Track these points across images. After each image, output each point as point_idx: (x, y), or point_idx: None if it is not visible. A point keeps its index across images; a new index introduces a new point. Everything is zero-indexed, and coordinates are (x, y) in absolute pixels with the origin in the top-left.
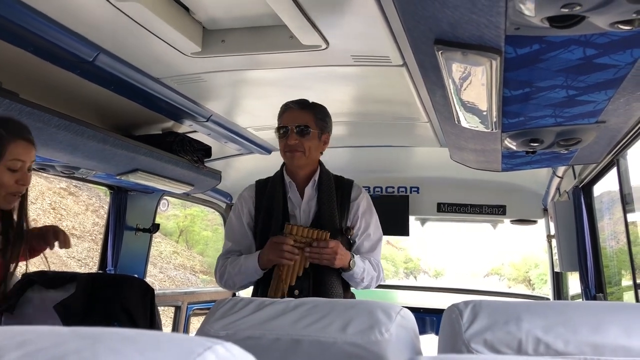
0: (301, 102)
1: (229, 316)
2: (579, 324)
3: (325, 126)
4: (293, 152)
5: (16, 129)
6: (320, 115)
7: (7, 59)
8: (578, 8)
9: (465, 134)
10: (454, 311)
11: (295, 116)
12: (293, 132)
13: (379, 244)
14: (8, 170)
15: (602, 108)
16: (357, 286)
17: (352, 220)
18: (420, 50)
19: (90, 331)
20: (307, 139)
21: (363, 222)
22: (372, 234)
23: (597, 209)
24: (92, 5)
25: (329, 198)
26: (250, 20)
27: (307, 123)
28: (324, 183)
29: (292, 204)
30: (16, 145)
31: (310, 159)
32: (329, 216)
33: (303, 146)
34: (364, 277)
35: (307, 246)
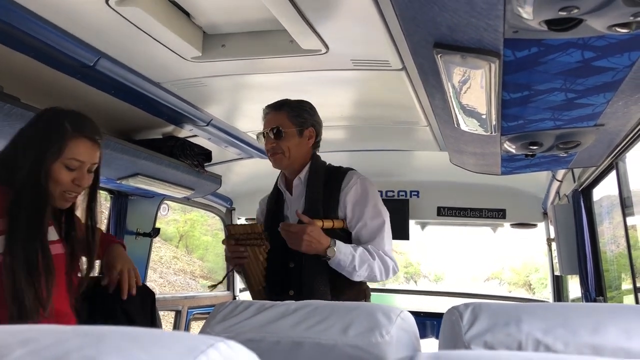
0: (275, 103)
1: (229, 319)
2: (579, 325)
3: (304, 121)
4: (274, 156)
5: (81, 124)
6: (294, 112)
7: (8, 63)
8: (576, 11)
9: (464, 137)
10: (454, 313)
11: (270, 119)
12: (269, 136)
13: (380, 231)
14: (65, 168)
15: (601, 111)
16: (352, 277)
17: (342, 210)
18: (419, 54)
19: (94, 329)
20: (283, 140)
21: (356, 211)
22: (368, 221)
23: (597, 213)
24: (93, 10)
25: (314, 193)
26: (250, 25)
27: (280, 124)
28: (311, 178)
29: (287, 206)
30: (77, 143)
31: (293, 158)
32: (312, 212)
33: (281, 147)
34: (356, 266)
35: (249, 241)
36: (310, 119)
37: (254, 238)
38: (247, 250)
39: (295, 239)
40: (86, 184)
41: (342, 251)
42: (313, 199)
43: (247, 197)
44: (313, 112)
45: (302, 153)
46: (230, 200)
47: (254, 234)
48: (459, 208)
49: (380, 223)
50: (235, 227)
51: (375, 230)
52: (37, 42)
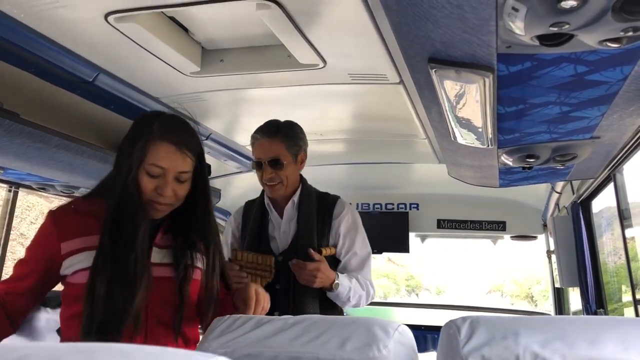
0: (268, 130)
1: (227, 334)
2: (577, 338)
3: (299, 149)
4: (272, 186)
5: (167, 128)
6: (291, 140)
7: (8, 79)
8: (567, 27)
9: (461, 150)
10: (451, 327)
11: (266, 148)
12: (267, 166)
13: (367, 261)
14: (147, 175)
15: (596, 124)
16: (343, 305)
17: (334, 238)
18: (415, 68)
19: (88, 346)
20: (282, 171)
21: (347, 240)
22: (358, 251)
23: (598, 224)
24: (92, 27)
25: (308, 218)
26: (248, 40)
27: (279, 155)
28: (304, 202)
29: (273, 226)
30: (159, 147)
31: (290, 186)
32: (307, 237)
33: (280, 177)
34: (350, 297)
35: (255, 270)
36: (302, 143)
37: (262, 269)
38: (248, 277)
39: (309, 276)
40: (171, 193)
41: (343, 284)
42: (308, 226)
43: None
44: (303, 134)
45: (296, 178)
46: (230, 213)
47: (264, 265)
48: (458, 220)
49: (368, 253)
50: (244, 254)
51: (364, 260)
52: (36, 58)
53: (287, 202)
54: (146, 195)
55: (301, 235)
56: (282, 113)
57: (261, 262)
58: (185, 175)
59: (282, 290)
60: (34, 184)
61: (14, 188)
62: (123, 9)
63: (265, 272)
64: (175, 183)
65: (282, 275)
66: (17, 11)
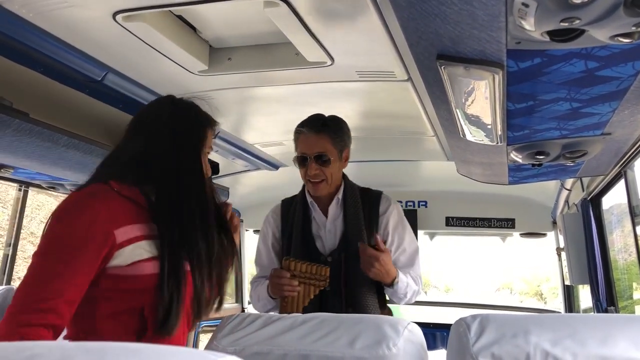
0: (315, 124)
1: (237, 332)
2: (587, 336)
3: (344, 145)
4: (316, 183)
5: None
6: (337, 135)
7: (18, 79)
8: (577, 22)
9: (471, 147)
10: (461, 325)
11: (312, 143)
12: (312, 162)
13: (416, 256)
14: (204, 156)
15: (607, 120)
16: (399, 302)
17: (382, 235)
18: (423, 65)
19: (96, 345)
20: (327, 167)
21: (396, 236)
22: (407, 247)
23: (608, 221)
24: (100, 26)
25: (355, 216)
26: (255, 38)
27: (326, 150)
28: (348, 199)
29: (317, 225)
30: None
31: (333, 183)
32: (357, 235)
33: (325, 174)
34: (407, 292)
35: (309, 280)
36: (347, 139)
37: (316, 279)
38: (301, 286)
39: (368, 263)
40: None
41: (402, 280)
42: (356, 223)
43: (255, 209)
44: (348, 129)
45: (339, 175)
46: (239, 212)
47: (318, 275)
48: (467, 218)
49: (416, 249)
50: (298, 264)
51: (413, 256)
52: (45, 58)
53: (330, 200)
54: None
55: (350, 233)
56: (290, 111)
57: (316, 272)
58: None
59: (334, 292)
60: (44, 183)
61: (24, 187)
62: (131, 8)
63: (320, 281)
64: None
65: (334, 277)
66: (26, 11)
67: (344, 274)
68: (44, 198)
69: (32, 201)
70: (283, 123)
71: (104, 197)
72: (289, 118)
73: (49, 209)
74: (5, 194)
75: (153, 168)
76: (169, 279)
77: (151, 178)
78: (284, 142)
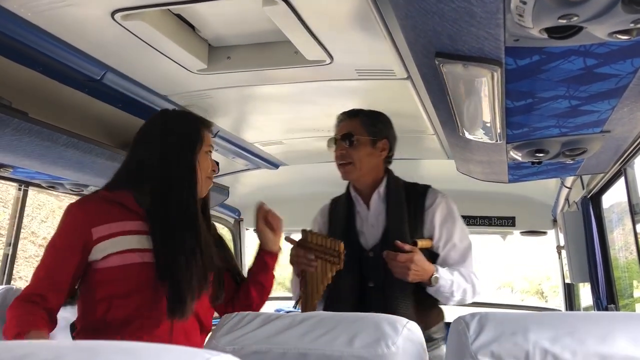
0: (350, 111)
1: (235, 331)
2: (587, 334)
3: (378, 131)
4: (343, 165)
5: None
6: (368, 120)
7: (16, 79)
8: (575, 19)
9: (470, 145)
10: (460, 323)
11: (342, 126)
12: (339, 142)
13: (468, 252)
14: (206, 154)
15: (607, 117)
16: (447, 302)
17: (429, 230)
18: (422, 63)
19: (90, 344)
20: (354, 149)
21: (444, 231)
22: (458, 242)
23: (609, 219)
24: (99, 25)
25: (398, 210)
26: (255, 37)
27: (354, 131)
28: (391, 194)
29: (361, 220)
30: (207, 133)
31: (364, 170)
32: (398, 230)
33: (351, 157)
34: (454, 291)
35: (324, 255)
36: (385, 130)
37: (330, 254)
38: (317, 261)
39: (402, 269)
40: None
41: (444, 277)
42: (398, 218)
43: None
44: (389, 124)
45: (372, 165)
46: (239, 211)
47: (332, 249)
48: (467, 216)
49: (468, 244)
50: (313, 235)
51: (465, 252)
52: (44, 57)
53: (372, 194)
54: (207, 173)
55: (392, 228)
56: (289, 110)
57: (330, 245)
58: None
59: (376, 288)
60: (43, 182)
61: (24, 186)
62: (130, 7)
63: (334, 257)
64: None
65: (375, 272)
66: (24, 10)
67: (385, 270)
68: (44, 198)
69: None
70: (283, 122)
71: (85, 203)
72: (289, 117)
73: (49, 208)
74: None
75: (145, 175)
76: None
77: (143, 184)
78: (284, 141)
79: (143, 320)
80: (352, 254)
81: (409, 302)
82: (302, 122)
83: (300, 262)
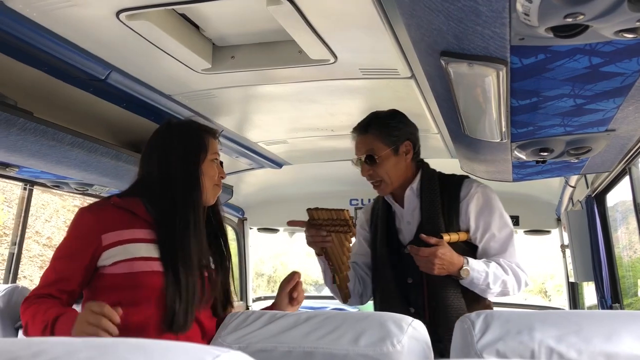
0: (360, 125)
1: (241, 329)
2: (592, 333)
3: (398, 139)
4: (375, 186)
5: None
6: (385, 131)
7: (22, 78)
8: (581, 17)
9: (474, 144)
10: (465, 322)
11: (359, 146)
12: (363, 164)
13: (509, 242)
14: (212, 162)
15: (612, 116)
16: (485, 294)
17: (464, 222)
18: (427, 62)
19: (101, 341)
20: (379, 167)
21: (481, 222)
22: (497, 232)
23: (613, 218)
24: (104, 25)
25: (431, 205)
26: (259, 36)
27: (371, 148)
28: (425, 188)
29: (399, 218)
30: (212, 139)
31: (395, 181)
32: (431, 225)
33: (379, 175)
34: (490, 283)
35: (334, 227)
36: (402, 133)
37: (340, 225)
38: (331, 236)
39: (426, 263)
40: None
41: (476, 269)
42: (431, 211)
43: (259, 207)
44: (404, 122)
45: (402, 171)
46: (242, 210)
47: (339, 220)
48: None
49: (509, 233)
50: (319, 211)
51: (505, 241)
52: (49, 57)
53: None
54: (214, 181)
55: (425, 223)
56: (293, 109)
57: (336, 216)
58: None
59: (415, 285)
60: (48, 182)
61: (29, 186)
62: (134, 7)
63: (344, 226)
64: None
65: (412, 269)
66: (30, 10)
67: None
68: (48, 197)
69: (37, 200)
70: (287, 121)
71: (97, 209)
72: (293, 116)
73: (53, 208)
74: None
75: (153, 185)
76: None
77: (153, 193)
78: (288, 140)
79: (147, 327)
80: (392, 251)
81: (450, 297)
82: (306, 121)
83: (316, 241)
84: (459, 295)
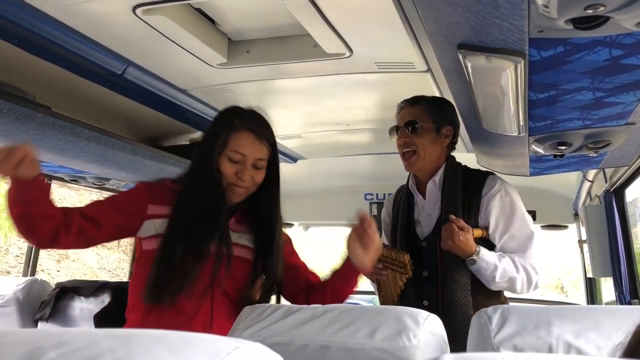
0: (412, 98)
1: (257, 323)
2: (612, 329)
3: (442, 118)
4: (406, 155)
5: (248, 119)
6: (433, 106)
7: (40, 73)
8: (602, 9)
9: (492, 138)
10: (482, 316)
11: (404, 114)
12: (402, 129)
13: (529, 243)
14: (228, 160)
15: (632, 109)
16: (489, 285)
17: (483, 219)
18: (444, 55)
19: (124, 332)
20: (418, 136)
21: (501, 221)
22: (516, 233)
23: (632, 214)
24: (121, 20)
25: (452, 199)
26: (274, 31)
27: (417, 118)
28: (447, 182)
29: (419, 210)
30: (240, 136)
31: (427, 159)
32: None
33: (415, 144)
34: (496, 276)
35: (392, 266)
36: (449, 117)
37: (397, 265)
38: (387, 271)
39: (453, 234)
40: (249, 178)
41: (486, 260)
42: (452, 204)
43: None
44: (453, 110)
45: (436, 153)
46: None
47: (397, 261)
48: None
49: (529, 234)
50: (382, 249)
51: (525, 243)
52: (67, 52)
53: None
54: (228, 179)
55: (445, 217)
56: (308, 103)
57: (395, 257)
58: (262, 163)
59: (430, 278)
60: (66, 176)
61: (47, 180)
62: (151, 2)
63: (401, 268)
64: (252, 170)
65: (428, 262)
66: (47, 5)
67: (439, 259)
68: (65, 192)
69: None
70: (302, 115)
71: (151, 184)
72: (308, 110)
73: (70, 202)
74: None
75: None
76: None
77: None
78: (303, 135)
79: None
80: (407, 244)
81: (458, 293)
82: (321, 115)
83: (373, 272)
84: (467, 292)
